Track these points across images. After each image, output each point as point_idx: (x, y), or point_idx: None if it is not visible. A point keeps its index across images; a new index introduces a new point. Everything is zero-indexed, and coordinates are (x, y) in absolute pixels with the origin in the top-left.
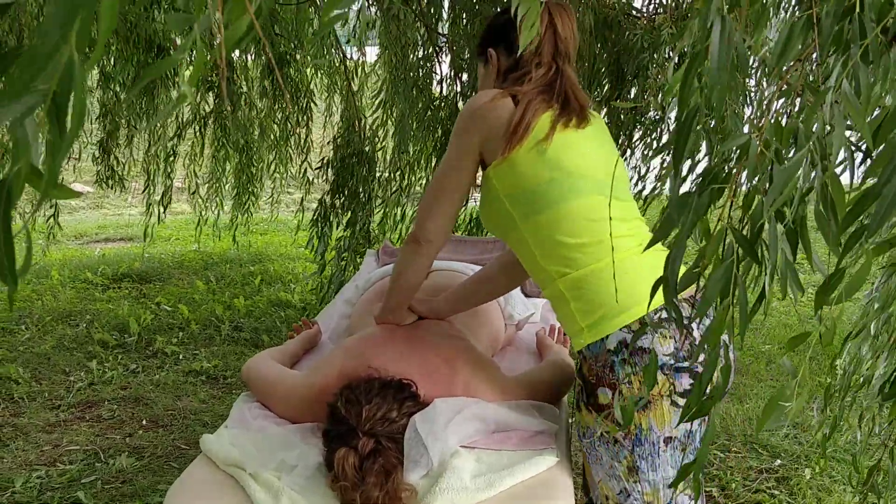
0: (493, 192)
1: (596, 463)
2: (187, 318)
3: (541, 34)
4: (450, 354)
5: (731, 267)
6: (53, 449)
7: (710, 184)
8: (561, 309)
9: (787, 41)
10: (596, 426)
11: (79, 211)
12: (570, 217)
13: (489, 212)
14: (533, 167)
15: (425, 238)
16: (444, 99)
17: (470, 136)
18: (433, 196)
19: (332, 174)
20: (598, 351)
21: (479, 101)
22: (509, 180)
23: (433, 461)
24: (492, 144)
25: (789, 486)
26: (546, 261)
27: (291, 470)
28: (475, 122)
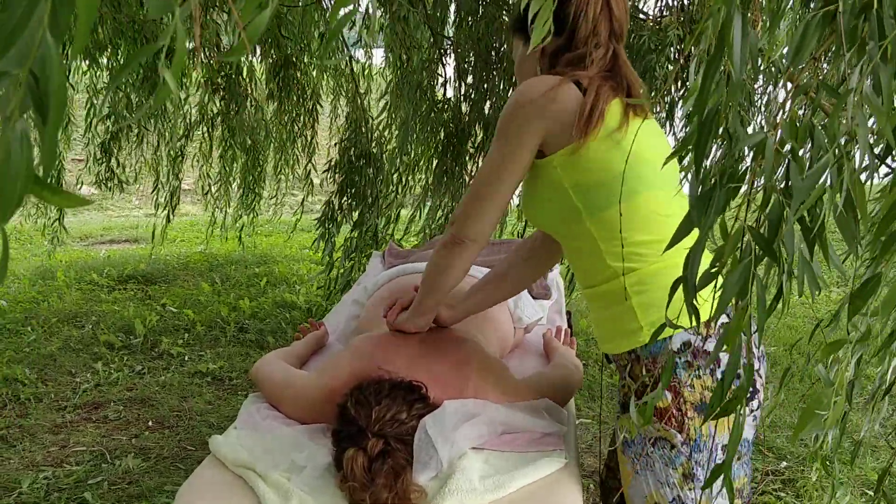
0: (555, 183)
1: (646, 469)
2: (193, 319)
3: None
4: (459, 356)
5: (748, 266)
6: (60, 450)
7: (727, 183)
8: (615, 305)
9: (802, 39)
10: (650, 430)
11: (84, 212)
12: (642, 211)
13: (546, 204)
14: (606, 158)
15: (470, 238)
16: (447, 101)
17: (529, 126)
18: (480, 192)
19: (339, 175)
20: (658, 351)
21: (537, 88)
22: (580, 171)
23: (442, 463)
24: (556, 135)
25: (795, 488)
26: (612, 256)
27: (301, 471)
28: (537, 110)
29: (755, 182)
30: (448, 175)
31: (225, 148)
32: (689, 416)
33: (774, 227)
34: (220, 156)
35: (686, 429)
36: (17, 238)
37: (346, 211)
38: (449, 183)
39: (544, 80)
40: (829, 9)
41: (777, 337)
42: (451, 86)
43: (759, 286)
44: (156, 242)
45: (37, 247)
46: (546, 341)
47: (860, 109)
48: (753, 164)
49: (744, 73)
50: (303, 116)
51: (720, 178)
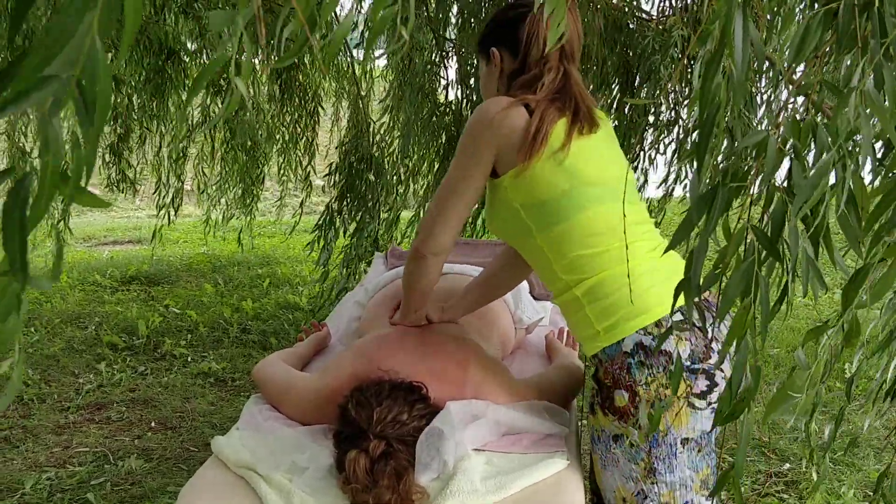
0: (506, 202)
1: (611, 465)
2: (196, 320)
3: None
4: (460, 357)
5: (752, 266)
6: (63, 451)
7: (729, 182)
8: (575, 314)
9: (803, 38)
10: (612, 428)
11: (87, 213)
12: (588, 226)
13: (501, 221)
14: (550, 178)
15: (431, 252)
16: (448, 104)
17: (482, 145)
18: (439, 207)
19: (339, 178)
20: (613, 354)
21: (490, 109)
22: (526, 191)
23: (445, 464)
24: (505, 154)
25: (798, 489)
26: (563, 270)
27: (303, 472)
28: (488, 131)
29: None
30: None
31: (226, 150)
32: (646, 414)
33: (777, 227)
34: (221, 157)
35: (643, 425)
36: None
37: (345, 216)
38: None
39: (498, 101)
40: (831, 7)
41: (779, 339)
42: (452, 89)
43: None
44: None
45: (41, 247)
46: (548, 342)
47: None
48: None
49: (745, 72)
50: (304, 118)
51: (722, 177)
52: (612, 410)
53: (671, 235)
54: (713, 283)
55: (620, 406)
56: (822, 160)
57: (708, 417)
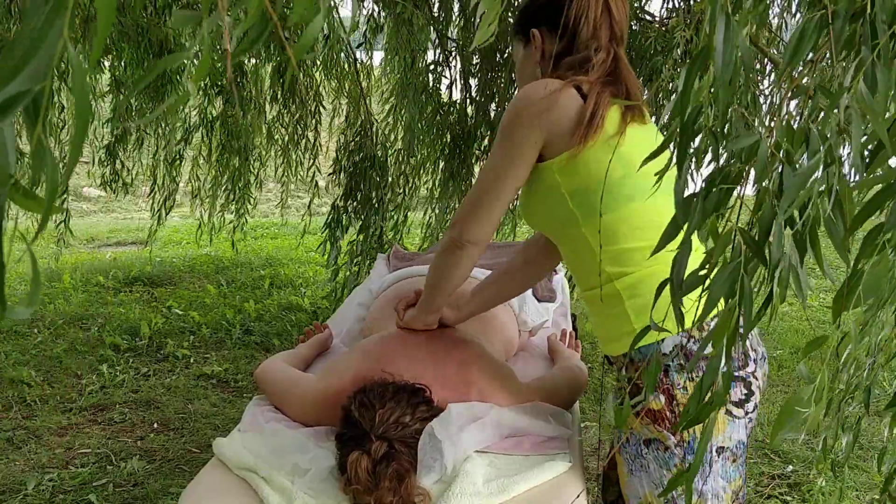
0: (552, 188)
1: (641, 470)
2: (198, 321)
3: (598, 16)
4: (464, 359)
5: (737, 268)
6: (65, 452)
7: (719, 185)
8: (608, 310)
9: (798, 41)
10: (644, 432)
11: (90, 215)
12: (638, 218)
13: (543, 209)
14: (603, 164)
15: (471, 241)
16: (452, 103)
17: (530, 130)
18: (480, 195)
19: (344, 178)
20: (649, 354)
21: (538, 91)
22: (576, 177)
23: (447, 466)
24: (556, 138)
25: (802, 492)
26: (607, 261)
27: (304, 473)
28: (538, 114)
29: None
30: (454, 178)
31: (221, 151)
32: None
33: (765, 231)
34: (217, 159)
35: (679, 431)
36: (23, 240)
37: (351, 215)
38: (455, 186)
39: (545, 83)
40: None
41: (783, 340)
42: (456, 88)
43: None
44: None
45: (43, 249)
46: (551, 344)
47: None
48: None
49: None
50: (306, 118)
51: (711, 180)
52: (646, 413)
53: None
54: (698, 285)
55: (656, 409)
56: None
57: (744, 427)
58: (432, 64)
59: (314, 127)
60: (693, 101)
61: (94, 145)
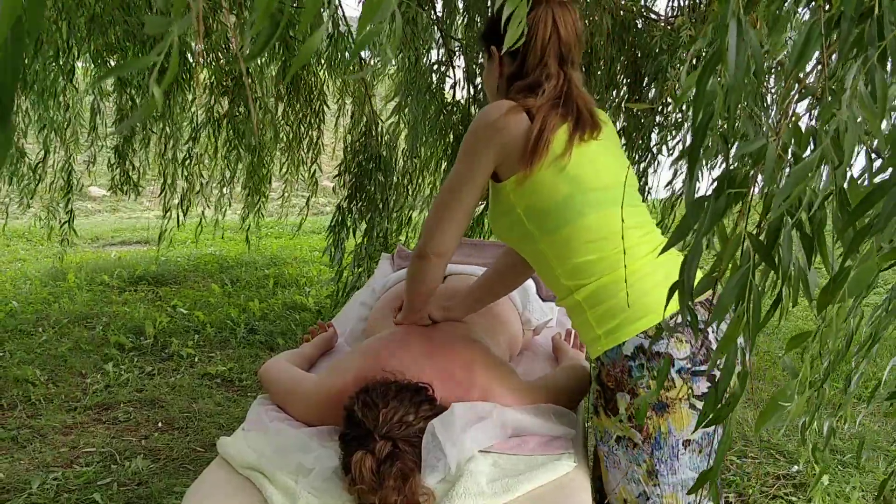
0: (509, 207)
1: (614, 467)
2: (203, 321)
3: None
4: (467, 358)
5: (747, 273)
6: (70, 451)
7: (728, 188)
8: (578, 317)
9: (804, 44)
10: (614, 430)
11: (95, 214)
12: (589, 232)
13: (503, 224)
14: (552, 184)
15: (435, 253)
16: (456, 103)
17: (484, 150)
18: (441, 210)
19: (349, 179)
20: (615, 357)
21: (492, 114)
22: (528, 197)
23: (450, 466)
24: (507, 160)
25: (807, 492)
26: (564, 275)
27: (308, 473)
28: (490, 136)
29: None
30: None
31: (229, 149)
32: (647, 416)
33: (774, 235)
34: (224, 157)
35: (646, 427)
36: (28, 239)
37: (356, 216)
38: None
39: (499, 106)
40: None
41: (788, 339)
42: (459, 88)
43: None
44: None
45: (48, 248)
46: (555, 344)
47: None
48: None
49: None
50: (309, 117)
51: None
52: (615, 412)
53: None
54: (707, 289)
55: (622, 408)
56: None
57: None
58: (435, 63)
59: (317, 126)
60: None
61: (97, 145)
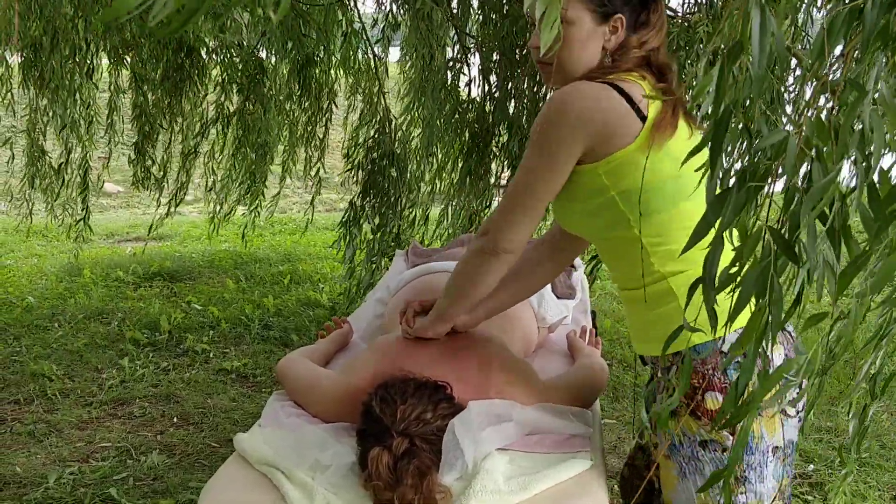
0: (598, 191)
1: (695, 473)
2: (218, 316)
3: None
4: (483, 356)
5: (768, 268)
6: (86, 446)
7: (748, 182)
8: (660, 306)
9: (827, 35)
10: (701, 433)
11: (110, 210)
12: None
13: (587, 212)
14: (655, 164)
15: (506, 249)
16: (471, 101)
17: (573, 136)
18: (517, 201)
19: (362, 175)
20: (707, 352)
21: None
22: (628, 178)
23: (468, 464)
24: (602, 143)
25: (823, 491)
26: (661, 261)
27: (325, 469)
28: (580, 121)
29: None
30: (473, 176)
31: (238, 146)
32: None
33: (794, 229)
34: (233, 153)
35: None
36: (44, 235)
37: (368, 213)
38: (473, 184)
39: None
40: (857, 3)
41: (806, 338)
42: (475, 85)
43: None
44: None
45: (64, 244)
46: (570, 342)
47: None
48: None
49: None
50: (321, 114)
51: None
52: (703, 413)
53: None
54: (729, 283)
55: (713, 409)
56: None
57: (795, 426)
58: (450, 61)
59: (324, 123)
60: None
61: (114, 141)
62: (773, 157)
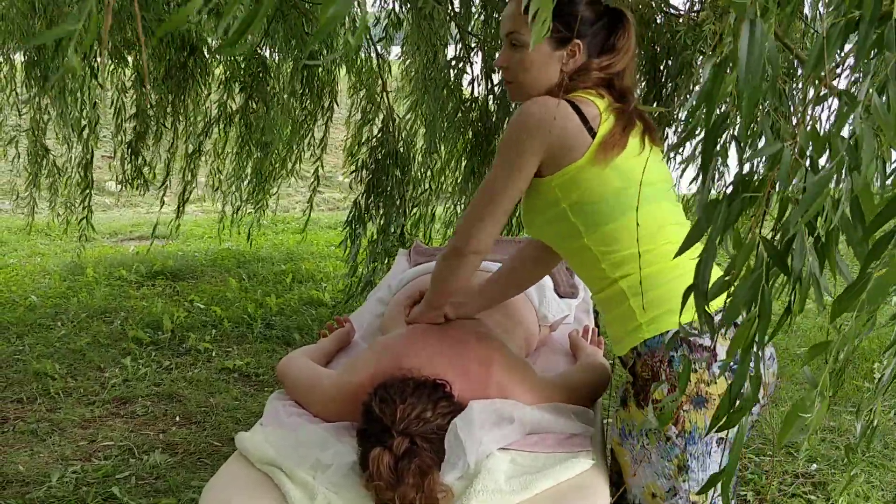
0: (552, 203)
1: (643, 460)
2: (220, 315)
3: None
4: (484, 355)
5: (759, 278)
6: (89, 444)
7: (743, 191)
8: (616, 308)
9: (823, 47)
10: (645, 423)
11: (113, 209)
12: (640, 225)
13: (544, 222)
14: (602, 178)
15: (472, 251)
16: (474, 100)
17: (532, 146)
18: (482, 206)
19: (366, 175)
20: (655, 346)
21: (542, 110)
22: (576, 192)
23: (469, 463)
24: (556, 156)
25: (826, 491)
26: (610, 267)
27: (326, 469)
28: (541, 132)
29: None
30: (475, 175)
31: (241, 144)
32: (684, 409)
33: (788, 239)
34: (237, 152)
35: (681, 421)
36: (47, 234)
37: (372, 212)
38: (476, 182)
39: (547, 102)
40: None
41: (807, 338)
42: (477, 84)
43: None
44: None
45: (67, 243)
46: (573, 341)
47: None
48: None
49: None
50: (321, 113)
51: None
52: (646, 403)
53: None
54: (722, 291)
55: (658, 399)
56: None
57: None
58: (453, 60)
59: (325, 122)
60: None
61: (117, 140)
62: (769, 167)
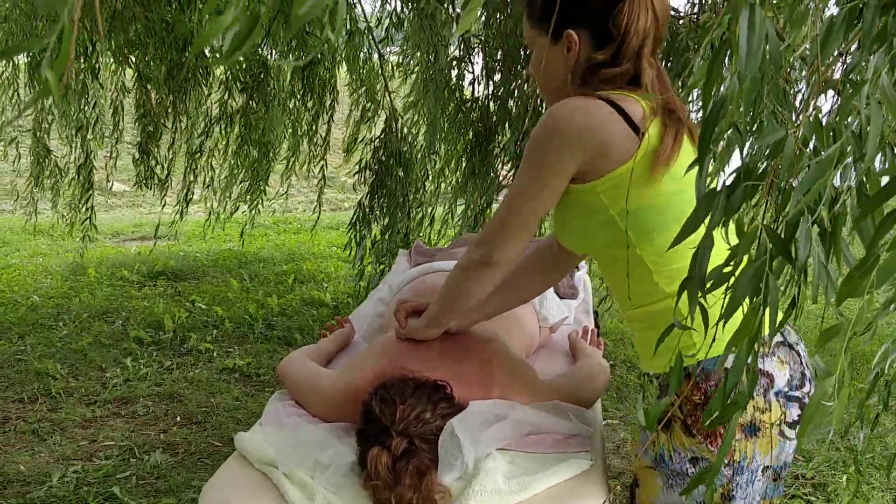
0: (597, 210)
1: (680, 487)
2: (221, 316)
3: (647, 24)
4: (484, 356)
5: (762, 267)
6: (90, 444)
7: (744, 181)
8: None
9: (826, 35)
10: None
11: (115, 209)
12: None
13: (586, 231)
14: (655, 182)
15: (498, 262)
16: (475, 100)
17: (568, 153)
18: (511, 216)
19: (369, 175)
20: (711, 370)
21: (577, 112)
22: (626, 197)
23: (467, 464)
24: (600, 161)
25: (826, 492)
26: (665, 281)
27: (325, 469)
28: (576, 138)
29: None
30: (476, 175)
31: (240, 144)
32: (736, 438)
33: (791, 228)
34: (235, 152)
35: (731, 450)
36: (49, 234)
37: (376, 213)
38: (476, 183)
39: (580, 104)
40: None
41: (811, 337)
42: (478, 84)
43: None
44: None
45: (69, 243)
46: (572, 342)
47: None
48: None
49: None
50: (324, 114)
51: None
52: (699, 431)
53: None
54: (722, 283)
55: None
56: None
57: (793, 448)
58: (454, 60)
59: (327, 121)
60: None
61: (120, 140)
62: (771, 155)
